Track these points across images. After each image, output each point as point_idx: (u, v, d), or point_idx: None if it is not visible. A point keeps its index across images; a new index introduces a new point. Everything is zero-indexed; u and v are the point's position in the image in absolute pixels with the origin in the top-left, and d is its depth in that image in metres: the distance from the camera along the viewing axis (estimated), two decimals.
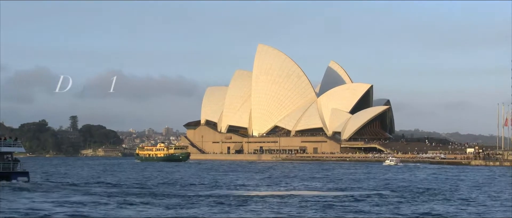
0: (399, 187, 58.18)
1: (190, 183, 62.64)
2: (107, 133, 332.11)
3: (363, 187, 58.12)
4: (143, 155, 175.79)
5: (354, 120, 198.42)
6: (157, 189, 54.45)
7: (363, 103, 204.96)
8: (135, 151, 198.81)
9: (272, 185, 61.27)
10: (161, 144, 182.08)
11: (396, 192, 51.79)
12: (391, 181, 67.97)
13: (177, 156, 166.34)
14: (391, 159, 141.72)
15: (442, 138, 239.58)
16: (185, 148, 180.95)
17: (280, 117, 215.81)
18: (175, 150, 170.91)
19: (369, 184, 63.09)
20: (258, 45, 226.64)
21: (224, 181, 67.75)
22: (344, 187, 58.29)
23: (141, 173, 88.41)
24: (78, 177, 75.69)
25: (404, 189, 54.78)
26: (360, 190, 54.04)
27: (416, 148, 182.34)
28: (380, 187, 57.48)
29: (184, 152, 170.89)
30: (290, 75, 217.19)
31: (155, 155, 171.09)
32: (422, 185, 61.38)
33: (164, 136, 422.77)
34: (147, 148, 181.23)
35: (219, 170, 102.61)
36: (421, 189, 54.63)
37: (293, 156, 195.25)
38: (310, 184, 62.67)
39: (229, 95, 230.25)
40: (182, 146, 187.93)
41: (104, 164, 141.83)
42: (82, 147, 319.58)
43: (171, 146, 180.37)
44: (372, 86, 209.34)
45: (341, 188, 56.25)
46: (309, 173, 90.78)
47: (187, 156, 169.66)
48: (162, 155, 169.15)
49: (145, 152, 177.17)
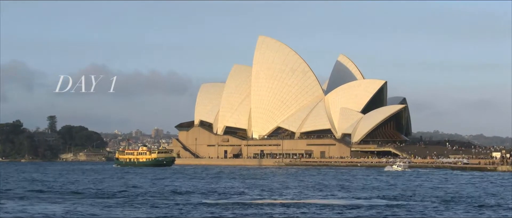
0: (471, 197, 56.83)
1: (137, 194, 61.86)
2: (89, 135, 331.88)
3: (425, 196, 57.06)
4: (123, 159, 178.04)
5: (366, 120, 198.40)
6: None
7: (376, 102, 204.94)
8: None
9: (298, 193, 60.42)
10: (144, 148, 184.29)
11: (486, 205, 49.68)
12: (451, 190, 67.00)
13: (161, 161, 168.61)
14: (398, 164, 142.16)
15: (464, 141, 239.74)
16: (170, 152, 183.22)
17: (283, 118, 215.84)
18: (159, 154, 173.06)
19: (434, 193, 61.77)
20: (259, 36, 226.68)
21: (202, 190, 67.17)
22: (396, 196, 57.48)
23: (102, 180, 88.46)
24: (14, 183, 76.98)
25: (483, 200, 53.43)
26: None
27: (435, 152, 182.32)
28: (456, 199, 55.31)
29: (168, 156, 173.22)
30: (294, 71, 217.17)
31: (137, 159, 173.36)
32: (489, 194, 59.95)
33: (154, 138, 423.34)
34: (127, 152, 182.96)
35: (206, 177, 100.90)
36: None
37: (298, 160, 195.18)
38: (350, 194, 60.88)
39: (226, 92, 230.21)
40: (166, 149, 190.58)
41: (68, 169, 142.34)
42: (61, 151, 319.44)
43: (154, 150, 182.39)
44: (386, 83, 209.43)
45: (395, 197, 55.68)
46: (324, 180, 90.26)
47: (172, 160, 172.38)
48: (144, 159, 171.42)
49: (125, 156, 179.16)
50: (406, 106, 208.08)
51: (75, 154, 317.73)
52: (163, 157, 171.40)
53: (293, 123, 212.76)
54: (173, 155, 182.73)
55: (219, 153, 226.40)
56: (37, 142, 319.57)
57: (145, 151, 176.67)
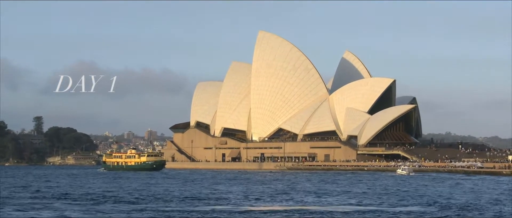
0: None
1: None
2: (78, 137, 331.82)
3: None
4: (110, 163, 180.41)
5: (373, 121, 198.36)
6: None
7: (384, 102, 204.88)
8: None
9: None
10: (132, 151, 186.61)
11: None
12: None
13: (150, 165, 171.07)
14: (403, 167, 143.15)
15: (478, 144, 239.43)
16: (161, 155, 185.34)
17: (284, 118, 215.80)
18: (148, 158, 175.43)
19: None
20: (259, 32, 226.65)
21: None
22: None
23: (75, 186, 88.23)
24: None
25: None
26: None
27: (447, 155, 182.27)
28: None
29: (158, 160, 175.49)
30: (297, 68, 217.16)
31: (125, 163, 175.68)
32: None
33: (147, 140, 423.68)
34: (115, 155, 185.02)
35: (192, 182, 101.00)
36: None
37: (301, 164, 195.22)
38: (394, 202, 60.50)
39: (224, 92, 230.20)
40: (157, 153, 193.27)
41: (47, 174, 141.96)
42: (48, 154, 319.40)
43: (143, 153, 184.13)
44: (394, 81, 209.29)
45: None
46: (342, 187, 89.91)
47: (162, 164, 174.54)
48: (133, 163, 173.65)
49: (113, 159, 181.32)
50: (416, 106, 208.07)
51: (63, 157, 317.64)
52: (152, 160, 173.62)
53: (295, 124, 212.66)
54: (164, 158, 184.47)
55: (217, 156, 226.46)
56: (23, 144, 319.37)
57: (134, 154, 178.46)
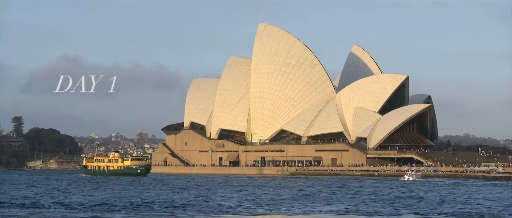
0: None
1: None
2: (61, 139, 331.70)
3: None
4: (91, 168, 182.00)
5: (385, 122, 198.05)
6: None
7: (396, 101, 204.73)
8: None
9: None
10: (115, 154, 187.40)
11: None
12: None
13: (134, 170, 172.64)
14: (410, 173, 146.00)
15: (499, 146, 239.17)
16: (146, 159, 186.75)
17: (287, 119, 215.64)
18: (132, 162, 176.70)
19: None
20: (259, 24, 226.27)
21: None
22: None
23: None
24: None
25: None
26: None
27: (465, 159, 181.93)
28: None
29: (143, 164, 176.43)
30: (301, 64, 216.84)
31: (107, 167, 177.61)
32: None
33: (136, 143, 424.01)
34: (97, 159, 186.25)
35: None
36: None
37: (305, 169, 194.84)
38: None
39: (221, 89, 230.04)
40: (142, 156, 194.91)
41: (15, 180, 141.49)
42: (28, 158, 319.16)
43: (127, 157, 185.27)
44: (408, 78, 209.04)
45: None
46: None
47: (147, 169, 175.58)
48: (116, 167, 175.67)
49: (94, 164, 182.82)
50: (432, 105, 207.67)
51: (45, 161, 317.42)
52: (136, 165, 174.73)
53: (299, 126, 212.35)
54: (148, 162, 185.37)
55: (213, 160, 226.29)
56: (1, 147, 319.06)
57: (117, 157, 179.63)
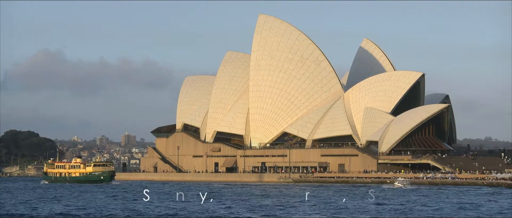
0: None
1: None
2: (41, 143, 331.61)
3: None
4: (52, 174, 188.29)
5: (398, 124, 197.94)
6: None
7: (410, 100, 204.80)
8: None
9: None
10: (77, 159, 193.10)
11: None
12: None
13: (97, 176, 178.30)
14: (399, 180, 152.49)
15: None
16: (109, 165, 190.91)
17: (290, 121, 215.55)
18: (95, 168, 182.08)
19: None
20: (259, 16, 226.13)
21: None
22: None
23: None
24: None
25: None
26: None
27: (486, 165, 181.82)
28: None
29: (106, 171, 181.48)
30: (305, 60, 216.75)
31: (68, 174, 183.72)
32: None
33: (124, 147, 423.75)
34: (57, 165, 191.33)
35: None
36: None
37: (310, 175, 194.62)
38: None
39: (217, 88, 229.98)
40: (105, 162, 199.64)
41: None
42: (4, 163, 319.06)
43: (89, 163, 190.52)
44: (423, 76, 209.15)
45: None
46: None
47: (111, 175, 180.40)
48: (77, 174, 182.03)
49: (55, 170, 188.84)
50: (450, 106, 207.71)
51: (22, 167, 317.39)
52: (99, 171, 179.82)
53: (303, 128, 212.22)
54: (112, 168, 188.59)
55: (209, 166, 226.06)
56: None
57: (79, 163, 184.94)
